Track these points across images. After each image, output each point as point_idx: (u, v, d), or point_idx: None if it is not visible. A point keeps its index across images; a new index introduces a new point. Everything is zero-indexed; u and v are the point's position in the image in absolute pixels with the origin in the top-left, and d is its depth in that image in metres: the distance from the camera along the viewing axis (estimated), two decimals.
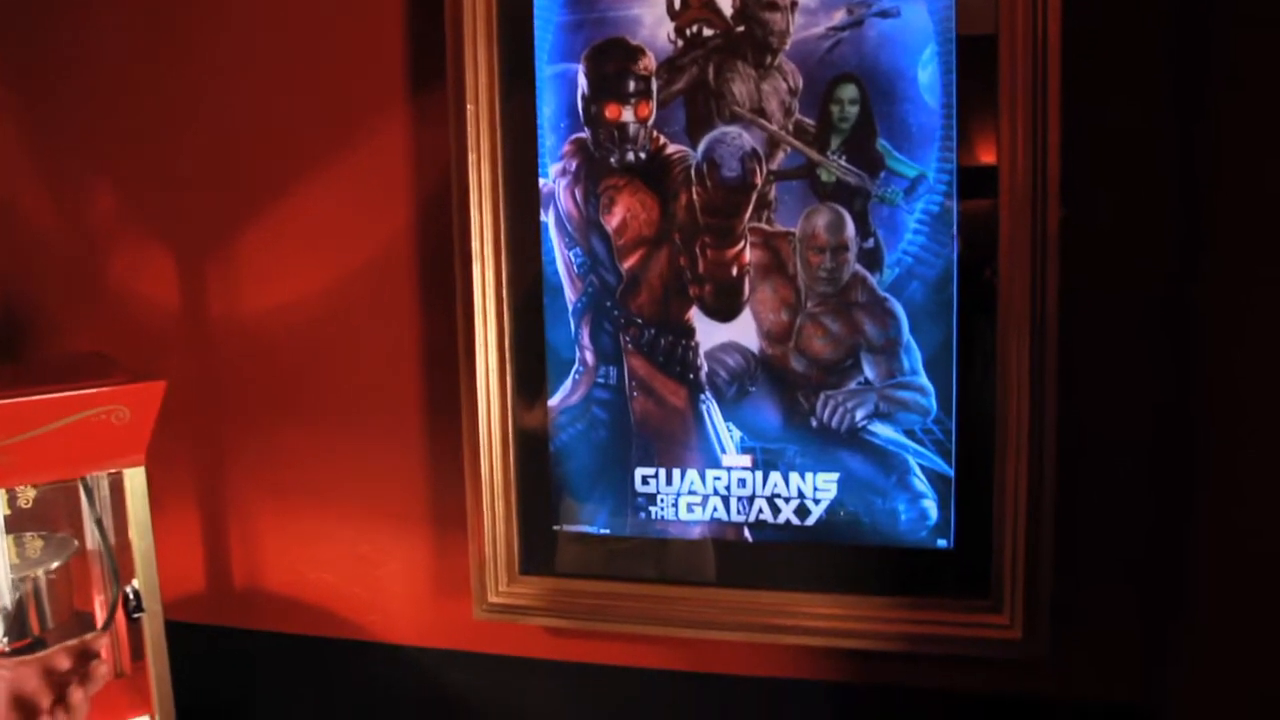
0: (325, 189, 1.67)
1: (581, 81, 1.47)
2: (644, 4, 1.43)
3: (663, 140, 1.45)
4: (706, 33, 1.42)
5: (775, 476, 1.47)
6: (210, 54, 1.71)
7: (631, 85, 1.45)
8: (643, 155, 1.46)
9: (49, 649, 1.12)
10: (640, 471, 1.52)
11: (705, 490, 1.50)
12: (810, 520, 1.47)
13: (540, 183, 1.51)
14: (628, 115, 1.46)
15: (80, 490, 1.51)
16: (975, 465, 1.38)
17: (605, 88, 1.47)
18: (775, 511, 1.48)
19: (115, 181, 1.81)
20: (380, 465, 1.70)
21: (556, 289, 1.52)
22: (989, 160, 1.33)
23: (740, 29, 1.40)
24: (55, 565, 1.50)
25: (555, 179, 1.51)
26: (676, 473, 1.51)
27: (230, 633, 1.83)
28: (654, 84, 1.44)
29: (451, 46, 1.49)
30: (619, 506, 1.54)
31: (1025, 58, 1.28)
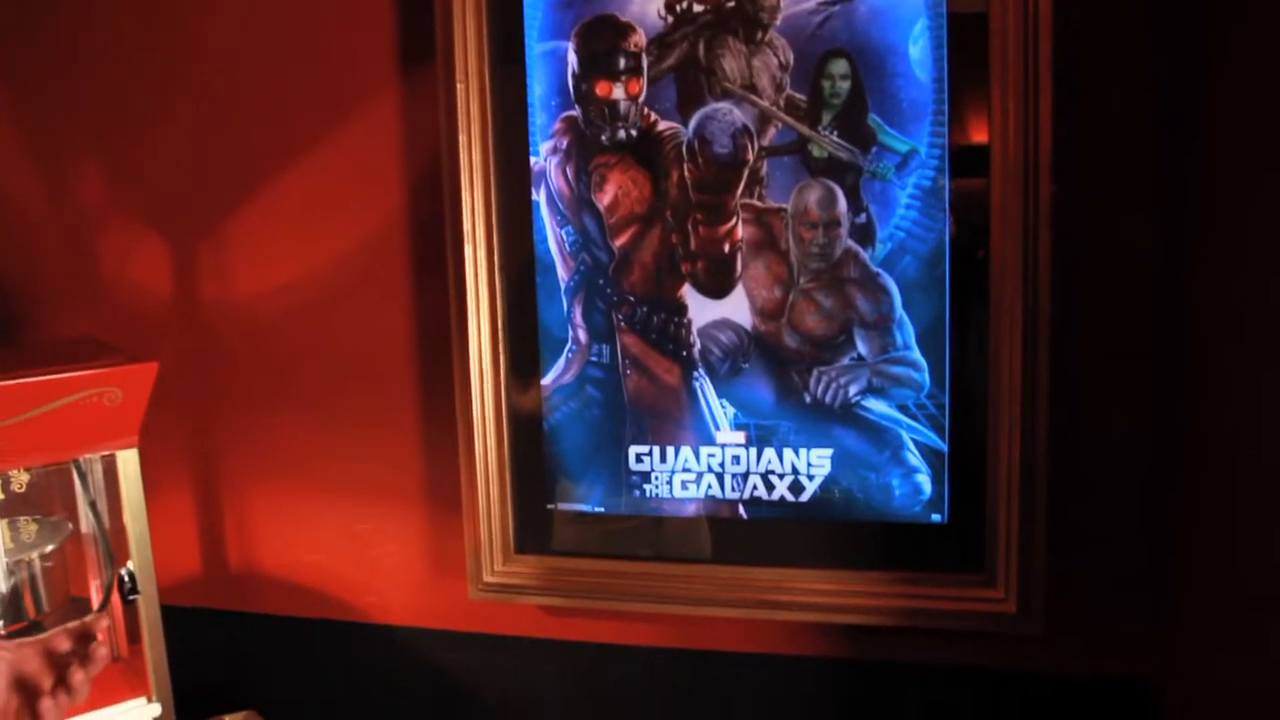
0: (316, 171, 1.67)
1: (572, 59, 1.47)
2: None
3: (654, 117, 1.45)
4: (697, 8, 1.41)
5: (769, 453, 1.47)
6: (200, 36, 1.70)
7: (622, 62, 1.45)
8: (634, 132, 1.46)
9: (50, 631, 1.12)
10: (634, 449, 1.52)
11: (699, 468, 1.50)
12: (804, 496, 1.47)
13: (531, 161, 1.51)
14: (618, 92, 1.46)
15: (74, 473, 1.51)
16: (969, 440, 1.39)
17: (596, 65, 1.46)
18: (769, 488, 1.48)
19: (106, 165, 1.80)
20: (374, 446, 1.70)
21: (549, 267, 1.52)
22: (981, 134, 1.33)
23: (730, 4, 1.39)
24: (50, 548, 1.50)
25: (546, 157, 1.50)
26: (670, 450, 1.51)
27: (225, 615, 1.83)
28: (644, 61, 1.44)
29: (441, 25, 1.48)
30: (613, 485, 1.54)
31: (1016, 31, 1.27)
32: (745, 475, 1.49)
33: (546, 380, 1.55)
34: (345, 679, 1.79)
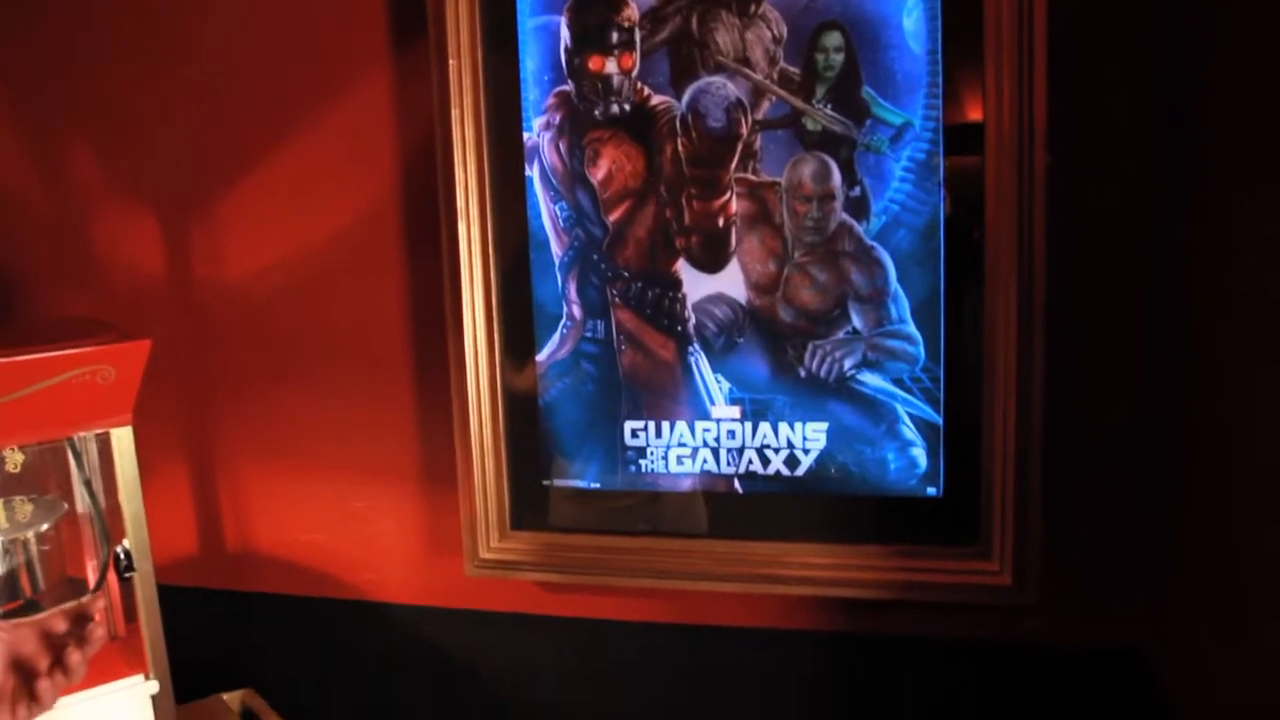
0: (309, 148, 1.66)
1: (564, 33, 1.46)
2: None
3: (647, 91, 1.44)
4: None
5: (764, 427, 1.47)
6: (192, 14, 1.69)
7: (614, 36, 1.44)
8: (627, 107, 1.45)
9: (47, 611, 1.12)
10: (629, 425, 1.52)
11: (695, 442, 1.50)
12: (800, 470, 1.47)
13: (525, 137, 1.50)
14: (611, 67, 1.45)
15: (69, 453, 1.51)
16: (964, 413, 1.38)
17: (588, 39, 1.45)
18: (765, 462, 1.48)
19: (97, 144, 1.80)
20: (369, 423, 1.70)
21: (542, 243, 1.52)
22: (975, 108, 1.32)
23: None
24: (46, 527, 1.50)
25: (539, 133, 1.49)
26: (666, 425, 1.51)
27: (222, 594, 1.84)
28: (637, 35, 1.43)
29: (433, 1, 1.47)
30: (609, 460, 1.54)
31: (1011, 3, 1.27)
32: (741, 450, 1.49)
33: (541, 356, 1.54)
34: (342, 656, 1.80)
